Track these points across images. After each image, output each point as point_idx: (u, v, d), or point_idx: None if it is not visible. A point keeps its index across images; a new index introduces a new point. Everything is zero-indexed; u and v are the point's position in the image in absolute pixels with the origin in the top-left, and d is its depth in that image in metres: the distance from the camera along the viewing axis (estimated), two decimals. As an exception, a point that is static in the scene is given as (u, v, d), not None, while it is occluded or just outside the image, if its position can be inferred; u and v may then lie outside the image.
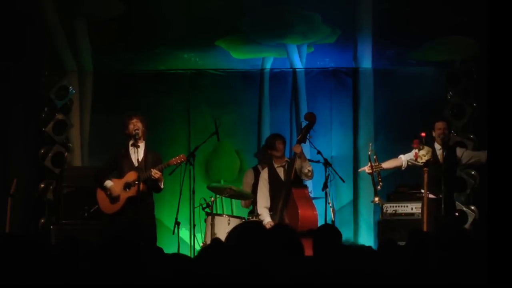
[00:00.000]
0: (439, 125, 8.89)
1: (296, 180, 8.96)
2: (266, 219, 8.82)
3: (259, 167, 9.86)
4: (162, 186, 8.71)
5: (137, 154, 8.65)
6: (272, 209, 8.92)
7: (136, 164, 8.62)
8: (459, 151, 9.01)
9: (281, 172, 9.03)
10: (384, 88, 10.82)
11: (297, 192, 8.80)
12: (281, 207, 8.79)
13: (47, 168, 10.68)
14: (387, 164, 8.99)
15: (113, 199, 8.60)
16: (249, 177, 9.90)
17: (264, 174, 9.11)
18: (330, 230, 5.21)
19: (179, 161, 8.72)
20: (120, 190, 8.59)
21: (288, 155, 9.36)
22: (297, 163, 8.93)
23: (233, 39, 10.73)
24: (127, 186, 8.58)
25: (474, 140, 10.20)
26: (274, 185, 9.00)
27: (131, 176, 8.57)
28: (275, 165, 9.08)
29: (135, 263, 4.10)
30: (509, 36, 5.66)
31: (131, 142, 8.67)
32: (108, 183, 8.63)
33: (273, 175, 9.03)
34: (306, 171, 8.89)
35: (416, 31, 10.22)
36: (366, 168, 8.79)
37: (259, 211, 9.00)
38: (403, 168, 9.04)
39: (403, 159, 8.98)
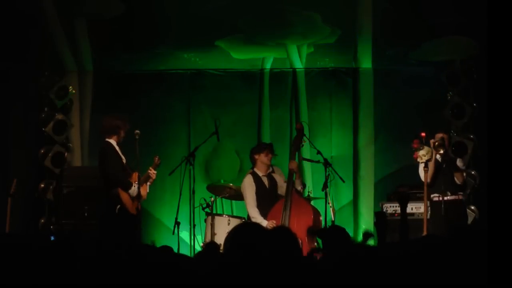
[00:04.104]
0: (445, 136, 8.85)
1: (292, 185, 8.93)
2: (264, 221, 8.72)
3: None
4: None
5: (123, 155, 8.66)
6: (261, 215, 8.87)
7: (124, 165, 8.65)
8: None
9: (265, 180, 9.03)
10: (384, 88, 10.82)
11: (299, 194, 8.85)
12: (284, 211, 8.70)
13: (47, 168, 10.68)
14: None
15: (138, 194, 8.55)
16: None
17: (249, 180, 9.00)
18: (338, 231, 5.22)
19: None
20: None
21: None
22: (281, 177, 9.01)
23: (233, 39, 10.72)
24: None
25: (474, 140, 10.20)
26: (260, 192, 8.96)
27: (136, 177, 8.56)
28: (260, 174, 9.02)
29: (134, 262, 4.11)
30: (509, 36, 5.66)
31: (116, 143, 8.60)
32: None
33: (258, 181, 8.99)
34: (299, 188, 8.91)
35: (416, 31, 10.22)
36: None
37: (252, 214, 8.86)
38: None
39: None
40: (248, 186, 8.96)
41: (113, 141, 8.57)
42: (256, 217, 8.78)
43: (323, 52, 10.87)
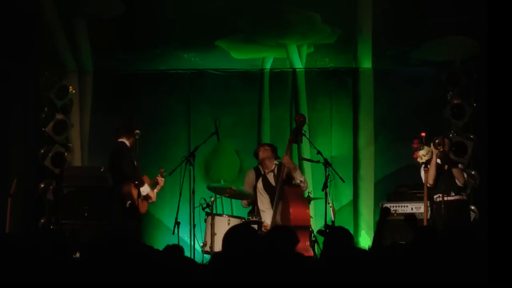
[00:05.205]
0: (446, 141, 8.82)
1: (289, 179, 8.96)
2: (266, 221, 8.93)
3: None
4: None
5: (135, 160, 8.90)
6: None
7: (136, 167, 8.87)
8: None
9: (271, 177, 9.16)
10: (384, 88, 10.82)
11: (290, 190, 8.82)
12: (275, 206, 8.84)
13: (47, 168, 10.68)
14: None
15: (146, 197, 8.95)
16: (250, 177, 9.90)
17: (259, 185, 9.22)
18: (342, 232, 5.21)
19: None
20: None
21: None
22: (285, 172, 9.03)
23: (233, 39, 10.72)
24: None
25: (474, 140, 10.20)
26: (268, 192, 9.16)
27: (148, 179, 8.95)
28: (266, 171, 9.18)
29: (134, 262, 4.11)
30: (509, 36, 5.66)
31: (129, 145, 8.83)
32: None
33: (266, 183, 9.15)
34: (298, 181, 8.92)
35: (416, 31, 10.21)
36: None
37: (261, 214, 9.09)
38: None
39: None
40: (259, 194, 9.20)
41: (127, 143, 8.84)
42: (263, 218, 8.99)
43: (323, 52, 10.86)
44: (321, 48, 10.79)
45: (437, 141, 8.64)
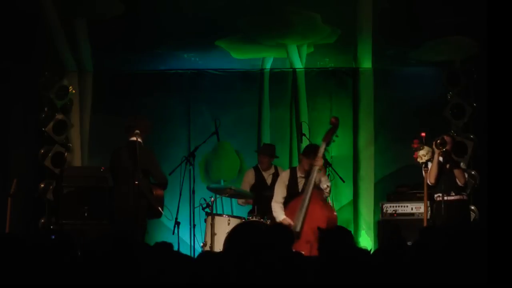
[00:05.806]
0: (448, 139, 8.81)
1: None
2: (280, 216, 8.76)
3: (260, 166, 9.88)
4: None
5: None
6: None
7: None
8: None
9: (301, 182, 8.88)
10: (384, 88, 10.82)
11: (317, 193, 8.69)
12: (302, 207, 8.60)
13: (47, 168, 10.68)
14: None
15: None
16: (250, 177, 9.90)
17: (285, 177, 9.00)
18: (343, 232, 5.21)
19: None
20: None
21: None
22: (317, 176, 8.78)
23: (233, 39, 10.72)
24: None
25: (474, 140, 10.20)
26: (290, 191, 8.92)
27: None
28: (298, 174, 8.91)
29: (133, 262, 4.11)
30: (509, 36, 5.66)
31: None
32: None
33: (292, 181, 8.93)
34: (325, 186, 8.73)
35: (416, 31, 10.21)
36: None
37: (273, 208, 8.87)
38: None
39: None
40: (281, 184, 8.94)
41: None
42: (276, 211, 8.82)
43: (323, 52, 10.86)
44: (321, 48, 10.79)
45: (438, 141, 8.62)
